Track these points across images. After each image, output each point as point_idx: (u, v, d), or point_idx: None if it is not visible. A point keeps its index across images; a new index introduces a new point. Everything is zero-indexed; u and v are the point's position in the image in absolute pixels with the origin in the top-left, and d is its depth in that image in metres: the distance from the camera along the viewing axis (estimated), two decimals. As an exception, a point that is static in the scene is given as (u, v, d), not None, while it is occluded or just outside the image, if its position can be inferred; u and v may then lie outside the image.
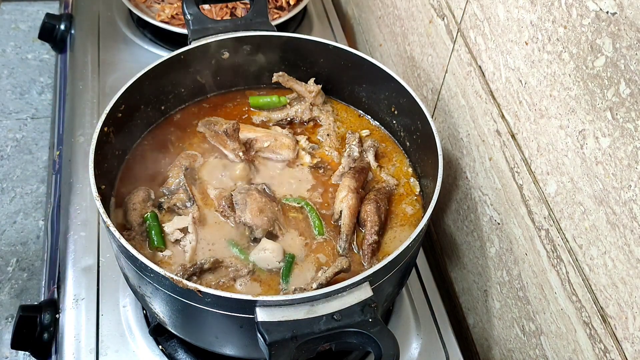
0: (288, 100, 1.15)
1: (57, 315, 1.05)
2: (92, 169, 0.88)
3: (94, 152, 0.90)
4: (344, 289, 0.77)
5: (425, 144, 1.01)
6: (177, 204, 0.97)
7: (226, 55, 1.11)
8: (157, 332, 1.02)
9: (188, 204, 0.97)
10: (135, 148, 1.06)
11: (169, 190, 0.99)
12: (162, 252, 0.93)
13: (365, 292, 0.77)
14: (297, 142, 1.09)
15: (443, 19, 1.09)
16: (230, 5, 1.53)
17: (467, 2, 0.99)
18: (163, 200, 0.98)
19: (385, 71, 1.06)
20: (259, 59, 1.14)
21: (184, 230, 0.94)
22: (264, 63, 1.15)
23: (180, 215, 0.96)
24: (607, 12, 0.67)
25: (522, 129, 0.87)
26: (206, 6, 1.51)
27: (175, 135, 1.09)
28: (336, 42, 1.16)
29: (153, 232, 0.93)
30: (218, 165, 1.05)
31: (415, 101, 1.01)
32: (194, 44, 1.07)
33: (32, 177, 2.12)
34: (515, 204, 0.92)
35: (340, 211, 0.97)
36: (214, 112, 1.14)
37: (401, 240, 0.96)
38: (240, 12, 1.52)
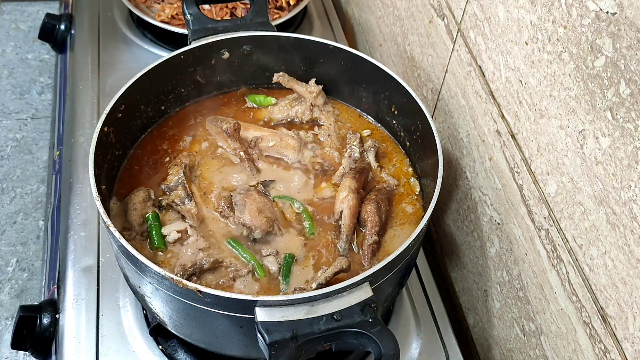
0: (274, 101, 1.15)
1: (57, 316, 1.05)
2: (92, 169, 0.88)
3: (94, 152, 0.90)
4: (344, 289, 0.77)
5: (425, 144, 1.01)
6: (175, 201, 0.97)
7: (226, 55, 1.11)
8: (157, 332, 1.02)
9: (186, 201, 0.97)
10: (135, 148, 1.06)
11: (168, 187, 0.99)
12: (163, 252, 0.93)
13: (365, 292, 0.77)
14: (302, 140, 1.09)
15: (443, 19, 1.09)
16: (230, 5, 1.53)
17: (467, 2, 0.99)
18: (162, 197, 0.98)
19: (385, 71, 1.06)
20: (259, 59, 1.14)
21: (182, 232, 0.94)
22: (264, 63, 1.15)
23: (179, 212, 0.97)
24: (607, 12, 0.67)
25: (522, 129, 0.87)
26: (206, 6, 1.51)
27: (175, 135, 1.10)
28: (336, 42, 1.16)
29: (154, 232, 0.93)
30: (218, 165, 1.05)
31: (415, 101, 1.01)
32: (194, 44, 1.07)
33: (32, 177, 2.11)
34: (515, 204, 0.92)
35: (341, 211, 0.97)
36: (214, 113, 1.14)
37: (401, 240, 0.96)
38: (240, 12, 1.52)
